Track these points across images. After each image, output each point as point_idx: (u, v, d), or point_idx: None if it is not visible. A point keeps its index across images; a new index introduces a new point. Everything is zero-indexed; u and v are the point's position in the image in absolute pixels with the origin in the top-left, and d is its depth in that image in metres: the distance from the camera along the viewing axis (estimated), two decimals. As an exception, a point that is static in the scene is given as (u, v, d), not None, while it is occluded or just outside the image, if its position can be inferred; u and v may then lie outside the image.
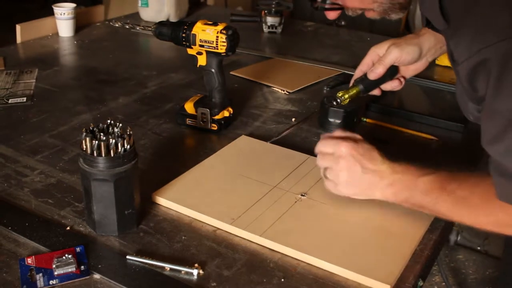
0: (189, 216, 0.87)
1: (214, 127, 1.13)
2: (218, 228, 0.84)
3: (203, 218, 0.86)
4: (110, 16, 1.97)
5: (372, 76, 1.05)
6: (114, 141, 0.77)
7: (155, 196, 0.90)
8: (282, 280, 0.75)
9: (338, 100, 1.06)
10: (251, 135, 1.14)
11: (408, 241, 0.82)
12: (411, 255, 0.80)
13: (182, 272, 0.75)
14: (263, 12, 1.84)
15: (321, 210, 0.88)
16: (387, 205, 0.88)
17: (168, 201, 0.89)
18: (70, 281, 0.73)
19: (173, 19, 1.89)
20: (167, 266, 0.75)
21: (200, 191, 0.92)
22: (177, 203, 0.88)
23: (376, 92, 1.09)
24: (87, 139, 0.77)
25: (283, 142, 1.10)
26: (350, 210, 0.88)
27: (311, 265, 0.78)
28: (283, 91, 1.37)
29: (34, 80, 1.38)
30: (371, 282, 0.74)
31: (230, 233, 0.83)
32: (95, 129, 0.80)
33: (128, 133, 0.80)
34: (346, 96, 1.06)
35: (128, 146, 0.79)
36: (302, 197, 0.91)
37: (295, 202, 0.90)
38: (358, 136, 0.87)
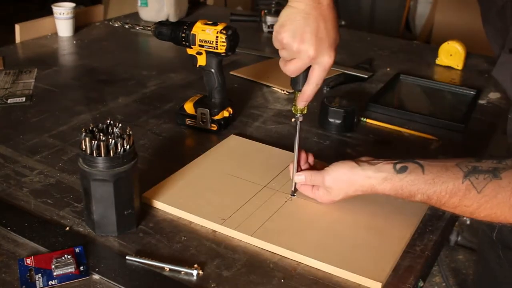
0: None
1: (214, 127, 1.13)
2: (209, 229, 0.84)
3: (193, 218, 0.86)
4: (109, 16, 1.96)
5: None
6: (113, 141, 0.77)
7: (144, 197, 0.89)
8: (282, 280, 0.75)
9: (298, 115, 0.89)
10: (250, 135, 1.14)
11: (398, 239, 0.82)
12: (401, 253, 0.80)
13: (182, 272, 0.75)
14: (263, 12, 1.84)
15: (311, 209, 0.88)
16: (376, 204, 0.88)
17: (157, 202, 0.89)
18: (69, 282, 0.72)
19: (172, 19, 1.89)
20: (167, 266, 0.75)
21: (190, 192, 0.91)
22: (166, 203, 0.88)
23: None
24: (87, 139, 0.77)
25: (282, 142, 1.10)
26: (339, 209, 0.88)
27: (311, 266, 0.77)
28: (283, 91, 1.37)
29: (33, 80, 1.37)
30: (362, 280, 0.75)
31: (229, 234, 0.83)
32: (94, 129, 0.79)
33: (128, 133, 0.79)
34: (299, 107, 0.89)
35: (128, 146, 0.78)
36: (292, 196, 0.91)
37: (285, 201, 0.90)
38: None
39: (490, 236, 1.02)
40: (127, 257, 0.76)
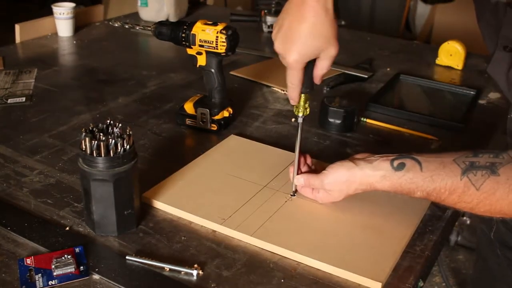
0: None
1: (214, 127, 1.13)
2: (209, 229, 0.84)
3: (193, 218, 0.86)
4: (109, 16, 1.97)
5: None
6: (113, 141, 0.77)
7: (144, 197, 0.89)
8: (282, 280, 0.75)
9: (301, 115, 0.89)
10: (250, 135, 1.14)
11: (398, 239, 0.82)
12: (401, 253, 0.80)
13: (182, 272, 0.75)
14: (263, 12, 1.84)
15: (311, 209, 0.89)
16: (376, 204, 0.88)
17: (157, 202, 0.89)
18: (69, 282, 0.72)
19: (172, 19, 1.89)
20: (167, 266, 0.75)
21: (190, 192, 0.91)
22: (166, 203, 0.88)
23: (317, 81, 0.86)
24: (87, 139, 0.77)
25: (282, 142, 1.10)
26: (340, 209, 0.88)
27: (311, 266, 0.77)
28: (283, 91, 1.37)
29: (33, 80, 1.37)
30: (362, 280, 0.75)
31: (229, 234, 0.83)
32: (94, 129, 0.80)
33: (128, 133, 0.79)
34: (301, 108, 0.88)
35: (128, 146, 0.78)
36: (292, 196, 0.91)
37: (285, 201, 0.90)
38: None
39: (488, 235, 1.02)
40: (127, 257, 0.76)
